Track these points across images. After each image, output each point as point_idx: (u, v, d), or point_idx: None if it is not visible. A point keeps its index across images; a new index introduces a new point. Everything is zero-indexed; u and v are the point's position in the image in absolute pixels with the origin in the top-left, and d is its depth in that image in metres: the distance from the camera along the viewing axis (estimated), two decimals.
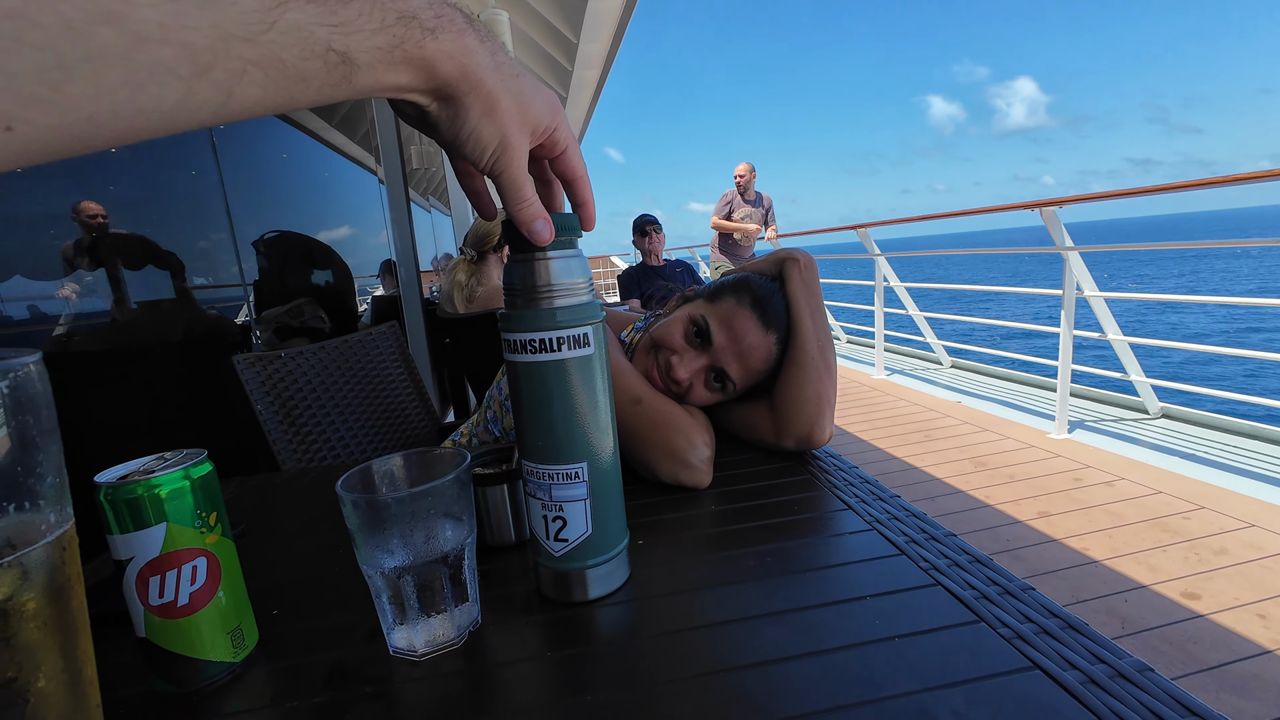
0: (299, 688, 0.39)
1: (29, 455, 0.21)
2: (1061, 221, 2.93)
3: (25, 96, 0.16)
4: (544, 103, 0.34)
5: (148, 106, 0.19)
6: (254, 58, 0.20)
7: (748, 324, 0.72)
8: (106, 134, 0.19)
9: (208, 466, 0.40)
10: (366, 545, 0.39)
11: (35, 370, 0.21)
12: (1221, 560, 1.74)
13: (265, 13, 0.20)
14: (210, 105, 0.20)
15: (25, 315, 0.93)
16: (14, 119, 0.17)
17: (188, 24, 0.19)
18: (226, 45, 0.20)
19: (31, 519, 0.21)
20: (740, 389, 0.74)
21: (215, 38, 0.19)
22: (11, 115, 0.16)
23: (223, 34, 0.19)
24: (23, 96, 0.16)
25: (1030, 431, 2.87)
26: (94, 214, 1.07)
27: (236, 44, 0.20)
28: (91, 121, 0.18)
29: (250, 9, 0.20)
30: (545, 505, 0.44)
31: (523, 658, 0.41)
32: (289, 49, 0.21)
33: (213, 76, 0.20)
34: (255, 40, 0.20)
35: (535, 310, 0.42)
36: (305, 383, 1.13)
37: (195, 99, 0.20)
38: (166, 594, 0.37)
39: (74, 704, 0.22)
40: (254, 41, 0.20)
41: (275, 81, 0.22)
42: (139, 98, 0.19)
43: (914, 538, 0.52)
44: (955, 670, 0.36)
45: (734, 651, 0.39)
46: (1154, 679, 0.34)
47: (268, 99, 0.22)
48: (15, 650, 0.20)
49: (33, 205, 0.93)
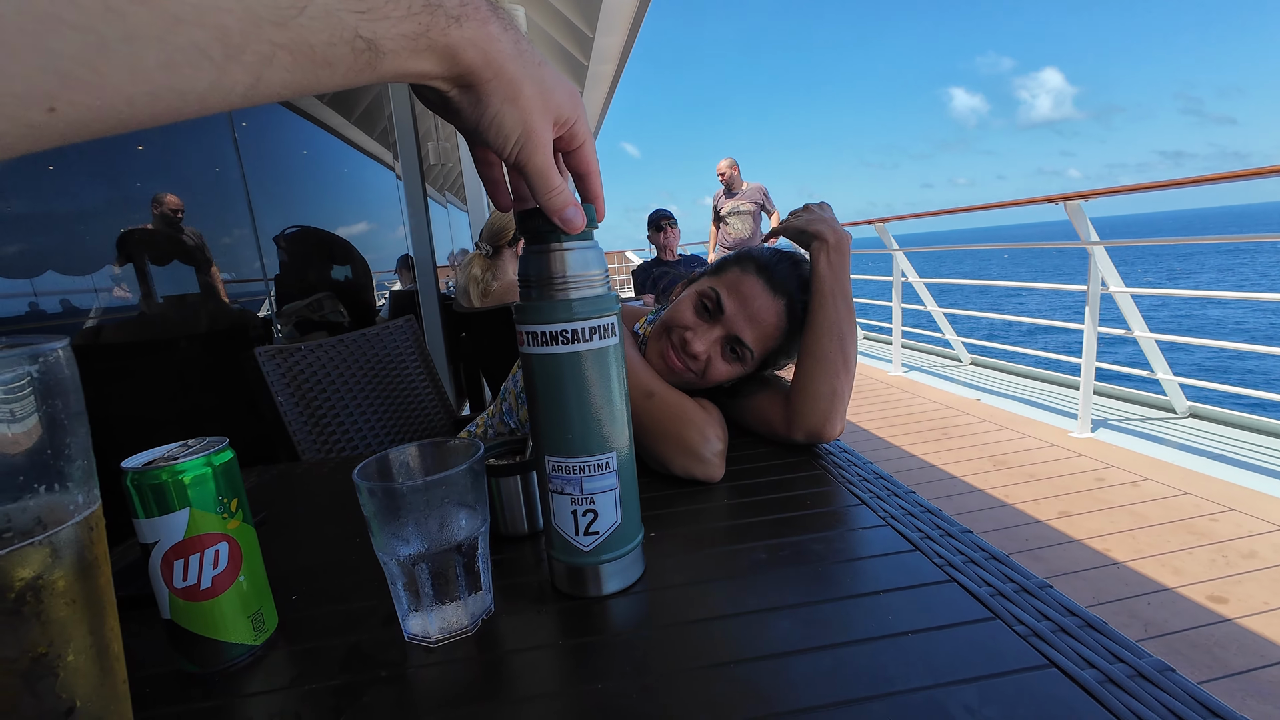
0: (317, 670, 0.40)
1: (58, 438, 0.21)
2: (1086, 215, 2.85)
3: (66, 77, 0.17)
4: (566, 94, 0.34)
5: (183, 88, 0.19)
6: (283, 41, 0.21)
7: (755, 288, 0.72)
8: (143, 115, 0.19)
9: (229, 454, 0.41)
10: (382, 533, 0.40)
11: (63, 355, 0.22)
12: (1251, 564, 1.69)
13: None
14: (240, 87, 0.21)
15: (57, 309, 0.95)
16: (56, 100, 0.17)
17: (221, 6, 0.19)
18: (257, 29, 0.20)
19: (61, 499, 0.22)
20: (759, 357, 0.74)
21: (247, 21, 0.20)
22: (54, 96, 0.17)
23: (254, 18, 0.20)
24: (64, 77, 0.17)
25: (1052, 430, 2.81)
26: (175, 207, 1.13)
27: (267, 28, 0.20)
28: (130, 103, 0.18)
29: None
30: (575, 500, 0.44)
31: (535, 646, 0.41)
32: (317, 34, 0.22)
33: (243, 59, 0.20)
34: (285, 24, 0.21)
35: (552, 302, 0.42)
36: (324, 375, 1.15)
37: (226, 81, 0.20)
38: (190, 577, 0.38)
39: (101, 678, 0.23)
40: (284, 26, 0.21)
41: (302, 66, 0.22)
42: (174, 79, 0.19)
43: (929, 534, 0.51)
44: (969, 666, 0.35)
45: (746, 644, 0.39)
46: (1175, 679, 0.33)
47: (294, 82, 0.22)
48: (46, 626, 0.21)
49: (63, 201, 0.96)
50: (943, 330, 4.42)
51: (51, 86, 0.17)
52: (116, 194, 1.06)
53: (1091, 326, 2.80)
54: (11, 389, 0.20)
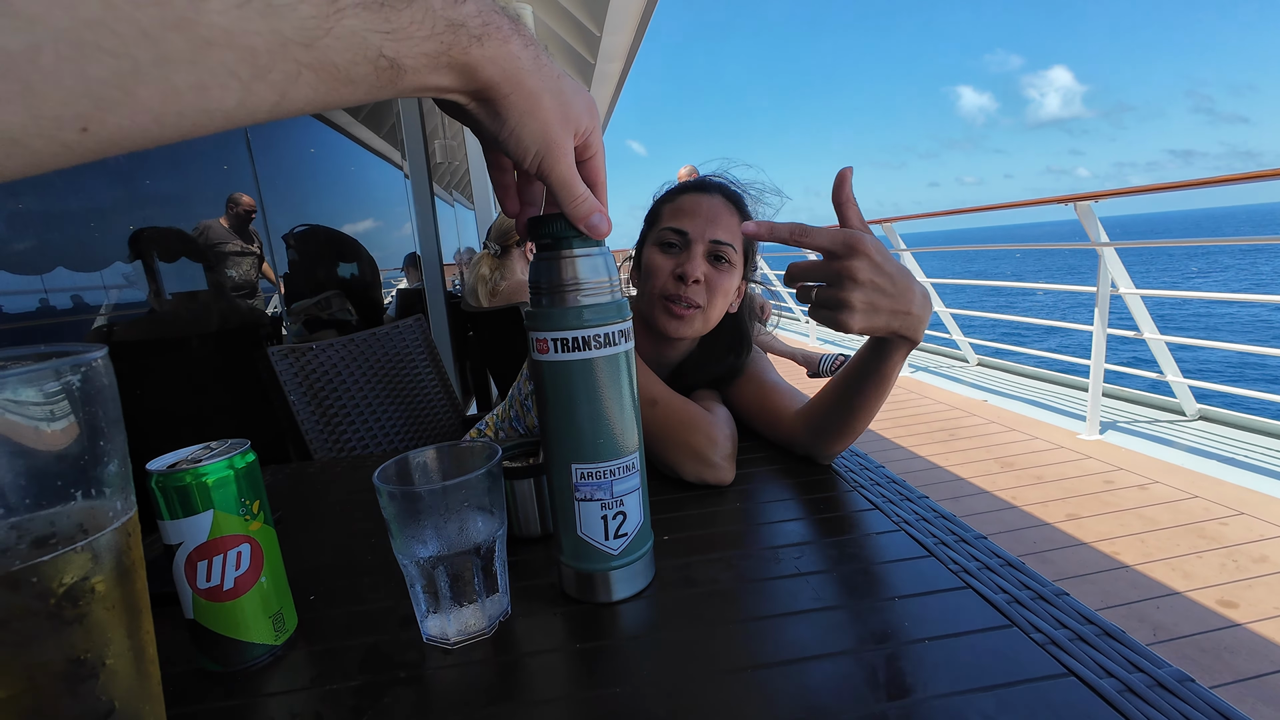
0: (337, 671, 0.40)
1: (98, 445, 0.22)
2: (1097, 216, 2.83)
3: (101, 99, 0.17)
4: (584, 105, 0.34)
5: (210, 107, 0.20)
6: (308, 61, 0.21)
7: (691, 200, 0.77)
8: (171, 133, 0.20)
9: (251, 456, 0.41)
10: (402, 535, 0.40)
11: (102, 364, 0.22)
12: (1261, 568, 1.68)
13: (323, 19, 0.21)
14: (266, 105, 0.21)
15: (68, 305, 0.96)
16: (90, 120, 0.17)
17: (250, 29, 0.19)
18: (284, 49, 0.20)
19: (100, 505, 0.22)
20: (740, 249, 0.76)
21: (274, 43, 0.20)
22: (88, 118, 0.17)
23: (281, 39, 0.20)
24: (98, 100, 0.17)
25: (1060, 432, 2.79)
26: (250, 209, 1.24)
27: (293, 48, 0.21)
28: (159, 122, 0.19)
29: (309, 15, 0.20)
30: (606, 504, 0.44)
31: (550, 649, 0.42)
32: (342, 54, 0.22)
33: (269, 78, 0.21)
34: (311, 45, 0.21)
35: (577, 308, 0.41)
36: (335, 374, 1.16)
37: (253, 99, 0.21)
38: (213, 578, 0.39)
39: (139, 682, 0.23)
40: (310, 46, 0.21)
41: (326, 83, 0.22)
42: (203, 99, 0.19)
43: (943, 539, 0.51)
44: (987, 675, 0.35)
45: (760, 649, 0.39)
46: (1194, 689, 0.33)
47: (317, 99, 0.23)
48: (87, 629, 0.21)
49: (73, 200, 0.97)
50: (950, 331, 4.40)
51: (86, 109, 0.17)
52: (131, 194, 1.07)
53: (1101, 328, 2.78)
54: (55, 397, 0.20)
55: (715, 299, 0.75)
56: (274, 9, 0.20)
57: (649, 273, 0.77)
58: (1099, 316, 2.78)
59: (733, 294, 0.78)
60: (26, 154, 0.17)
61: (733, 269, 0.76)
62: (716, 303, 0.75)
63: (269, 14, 0.20)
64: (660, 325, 0.75)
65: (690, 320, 0.75)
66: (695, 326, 0.75)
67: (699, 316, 0.75)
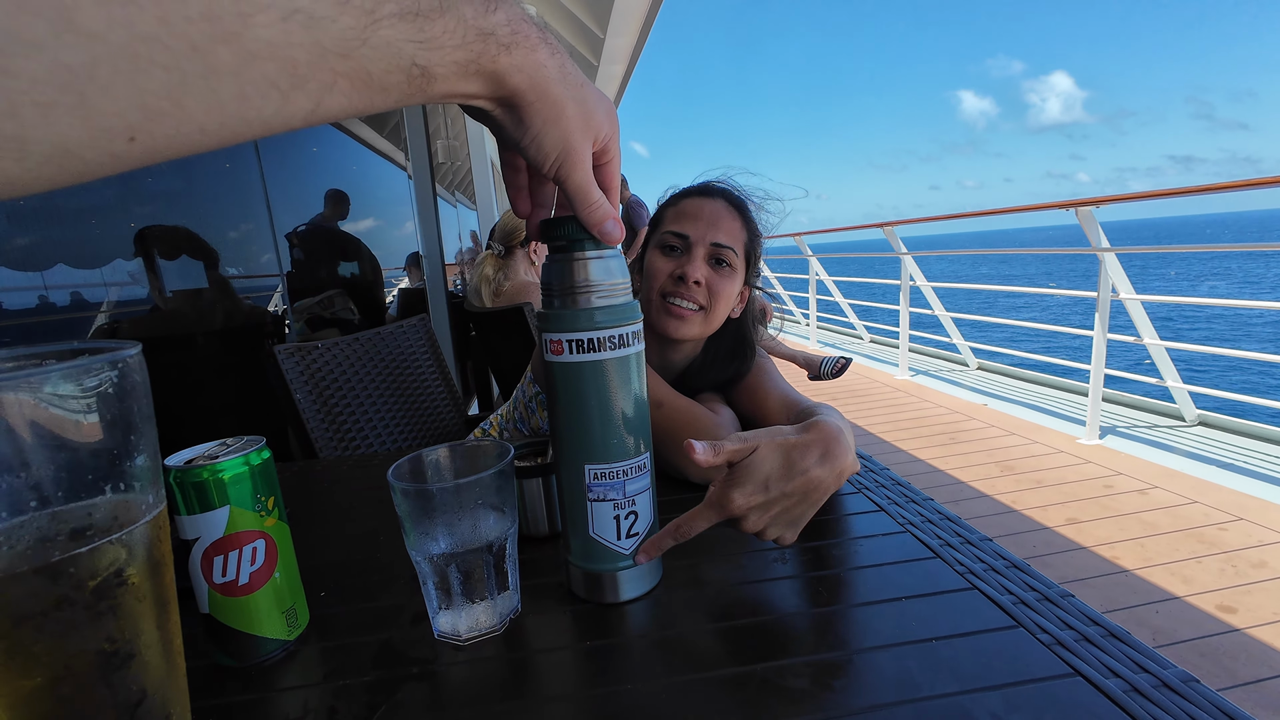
0: (350, 666, 0.41)
1: (133, 440, 0.22)
2: (1098, 221, 2.84)
3: (150, 111, 0.18)
4: (605, 113, 0.34)
5: (250, 116, 0.20)
6: (344, 70, 0.22)
7: (695, 204, 0.77)
8: (213, 141, 0.20)
9: (267, 454, 0.41)
10: (415, 532, 0.41)
11: (136, 361, 0.23)
12: (1261, 573, 1.69)
13: (361, 30, 0.21)
14: (301, 113, 0.22)
15: (67, 302, 0.97)
16: (138, 131, 0.18)
17: (293, 41, 0.20)
18: (322, 59, 0.21)
19: (133, 499, 0.22)
20: (742, 253, 0.76)
21: (314, 53, 0.21)
22: (137, 128, 0.18)
23: (320, 50, 0.21)
24: (148, 111, 0.18)
25: (1060, 436, 2.80)
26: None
27: (331, 58, 0.21)
28: (203, 131, 0.19)
29: (348, 26, 0.21)
30: (618, 504, 0.44)
31: (561, 646, 0.42)
32: (377, 63, 0.23)
33: (307, 88, 0.21)
34: (348, 55, 0.22)
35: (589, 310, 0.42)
36: (340, 372, 1.16)
37: (290, 108, 0.21)
38: (229, 573, 0.39)
39: (168, 671, 0.24)
40: (347, 56, 0.22)
41: (360, 91, 0.23)
42: (243, 108, 0.20)
43: (948, 541, 0.52)
44: (993, 674, 0.36)
45: (768, 648, 0.40)
46: (1200, 690, 0.34)
47: (350, 106, 0.23)
48: (120, 620, 0.21)
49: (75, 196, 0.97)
50: (950, 334, 4.41)
51: (136, 120, 0.18)
52: (144, 191, 1.08)
53: (1101, 333, 2.79)
54: (93, 392, 0.21)
55: (716, 303, 0.75)
56: (316, 21, 0.20)
57: (649, 274, 0.77)
58: (1099, 321, 2.79)
59: (734, 298, 0.78)
60: (78, 164, 0.18)
61: (734, 273, 0.76)
62: (718, 306, 0.75)
63: (311, 26, 0.20)
64: (660, 325, 0.76)
65: (690, 321, 0.75)
66: (695, 328, 0.75)
67: (699, 318, 0.75)
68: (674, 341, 0.78)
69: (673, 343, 0.78)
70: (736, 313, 0.82)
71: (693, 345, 0.81)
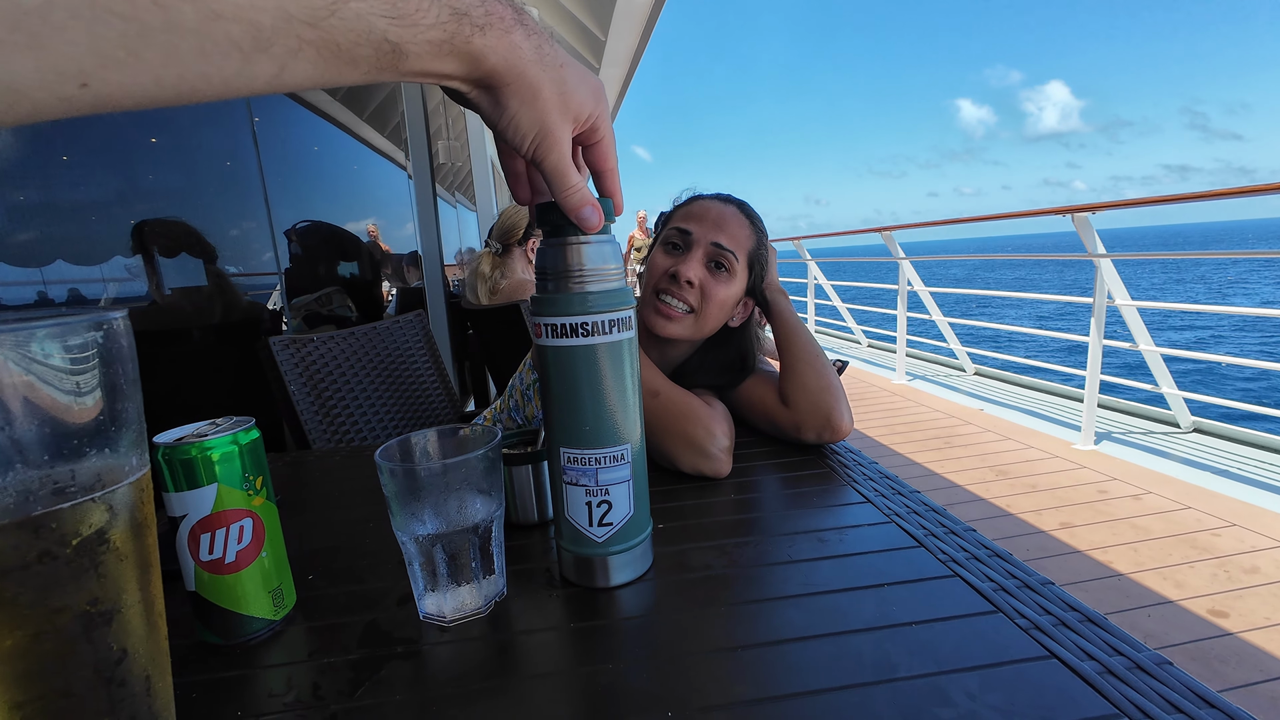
0: (335, 645, 0.41)
1: (117, 403, 0.23)
2: (1094, 228, 2.86)
3: (105, 58, 0.18)
4: (589, 91, 0.34)
5: (210, 74, 0.21)
6: (311, 39, 0.22)
7: (706, 205, 0.77)
8: (169, 94, 0.20)
9: (255, 433, 0.42)
10: (402, 513, 0.41)
11: (123, 325, 0.23)
12: (1253, 579, 1.69)
13: (330, 1, 0.22)
14: (264, 76, 0.22)
15: (65, 298, 0.97)
16: (91, 77, 0.18)
17: (257, 4, 0.20)
18: (288, 25, 0.21)
19: (117, 461, 0.23)
20: (744, 260, 0.76)
21: (279, 18, 0.21)
22: (90, 74, 0.18)
23: (286, 15, 0.21)
24: (102, 58, 0.18)
25: (1054, 441, 2.81)
26: None
27: (297, 25, 0.22)
28: (158, 83, 0.20)
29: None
30: (590, 491, 0.44)
31: (546, 628, 0.42)
32: (345, 34, 0.23)
33: (271, 52, 0.22)
34: (315, 24, 0.22)
35: (569, 295, 0.42)
36: (335, 366, 1.16)
37: (252, 69, 0.22)
38: (215, 551, 0.39)
39: (148, 632, 0.24)
40: (314, 25, 0.22)
41: (327, 61, 0.23)
42: (203, 65, 0.20)
43: (933, 531, 0.52)
44: (970, 656, 0.36)
45: (752, 630, 0.40)
46: (1172, 672, 0.34)
47: (318, 76, 0.24)
48: (102, 579, 0.22)
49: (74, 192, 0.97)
50: (947, 340, 4.42)
51: (89, 66, 0.18)
52: (149, 188, 1.08)
53: (1097, 339, 2.80)
54: (78, 356, 0.21)
55: (709, 307, 0.74)
56: None
57: (649, 270, 0.78)
58: (1095, 327, 2.80)
59: (731, 306, 0.77)
60: (28, 104, 0.18)
61: (732, 278, 0.75)
62: (710, 311, 0.74)
63: None
64: (648, 322, 0.75)
65: (678, 322, 0.74)
66: (683, 329, 0.75)
67: (688, 321, 0.74)
68: (665, 340, 0.78)
69: (666, 340, 0.78)
70: (736, 321, 0.81)
71: (687, 346, 0.80)
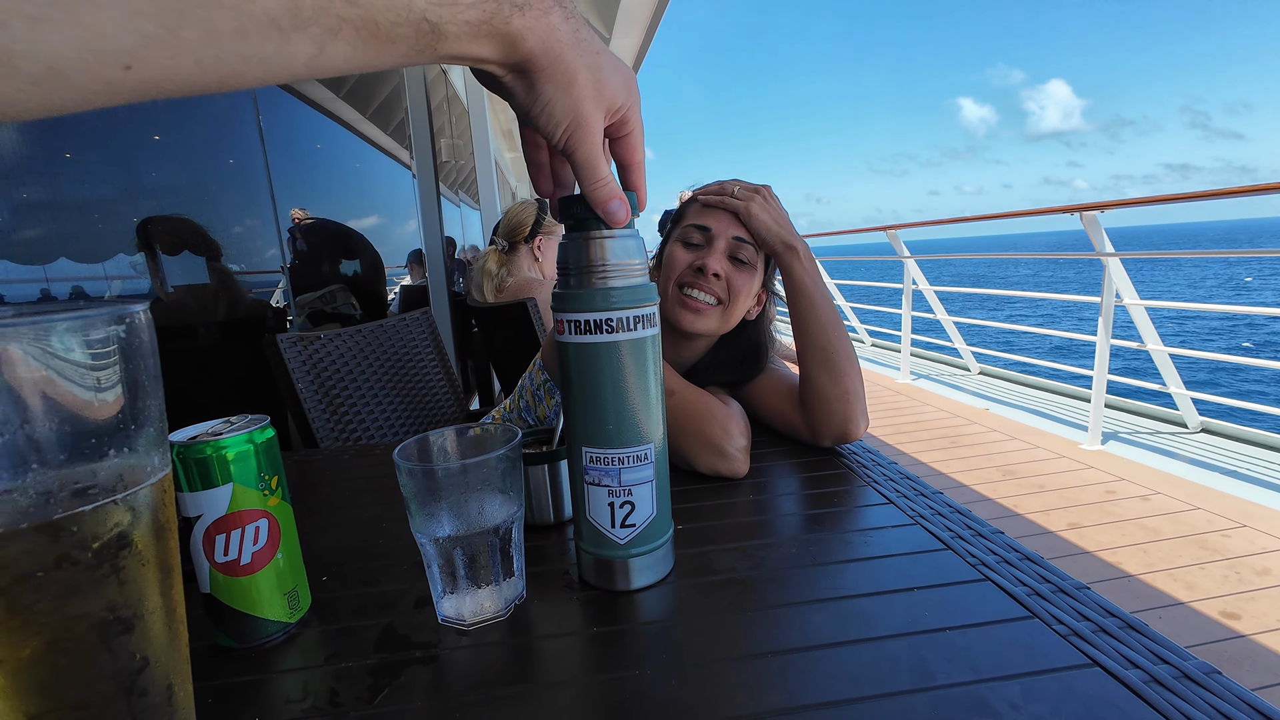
0: (352, 649, 0.40)
1: (139, 400, 0.22)
2: (1102, 226, 2.84)
3: (146, 37, 0.18)
4: (621, 82, 0.33)
5: (249, 54, 0.20)
6: (350, 17, 0.21)
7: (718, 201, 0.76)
8: (211, 78, 0.20)
9: (270, 432, 0.41)
10: (421, 514, 0.40)
11: (144, 319, 0.22)
12: (1265, 580, 1.67)
13: None
14: (303, 57, 0.21)
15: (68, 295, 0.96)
16: (133, 58, 0.18)
17: None
18: (328, 3, 0.21)
19: (138, 461, 0.22)
20: (761, 251, 0.75)
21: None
22: (132, 55, 0.18)
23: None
24: (144, 37, 0.17)
25: (1062, 442, 2.79)
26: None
27: (337, 3, 0.21)
28: (199, 65, 0.19)
29: None
30: (613, 491, 0.43)
31: (567, 632, 0.41)
32: (384, 13, 0.22)
33: (310, 31, 0.21)
34: (355, 2, 0.21)
35: (592, 290, 0.41)
36: (342, 364, 1.15)
37: (291, 49, 0.21)
38: (231, 552, 0.38)
39: (169, 639, 0.23)
40: (353, 3, 0.21)
41: (366, 41, 0.23)
42: (242, 45, 0.20)
43: (959, 533, 0.51)
44: (1009, 664, 0.35)
45: (780, 635, 0.39)
46: (1222, 681, 0.33)
47: (356, 57, 0.23)
48: (122, 584, 0.21)
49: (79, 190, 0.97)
50: (952, 339, 4.40)
51: (131, 45, 0.18)
52: (155, 186, 1.07)
53: (1104, 338, 2.78)
54: (100, 350, 0.20)
55: (735, 298, 0.74)
56: None
57: (668, 266, 0.76)
58: (1102, 326, 2.79)
59: (752, 298, 0.77)
60: (72, 89, 0.17)
61: (753, 271, 0.75)
62: (737, 302, 0.74)
63: None
64: (674, 318, 0.74)
65: (707, 315, 0.73)
66: (712, 323, 0.74)
67: (716, 313, 0.74)
68: (686, 337, 0.77)
69: (684, 338, 0.77)
70: (753, 314, 0.80)
71: (705, 342, 0.80)
